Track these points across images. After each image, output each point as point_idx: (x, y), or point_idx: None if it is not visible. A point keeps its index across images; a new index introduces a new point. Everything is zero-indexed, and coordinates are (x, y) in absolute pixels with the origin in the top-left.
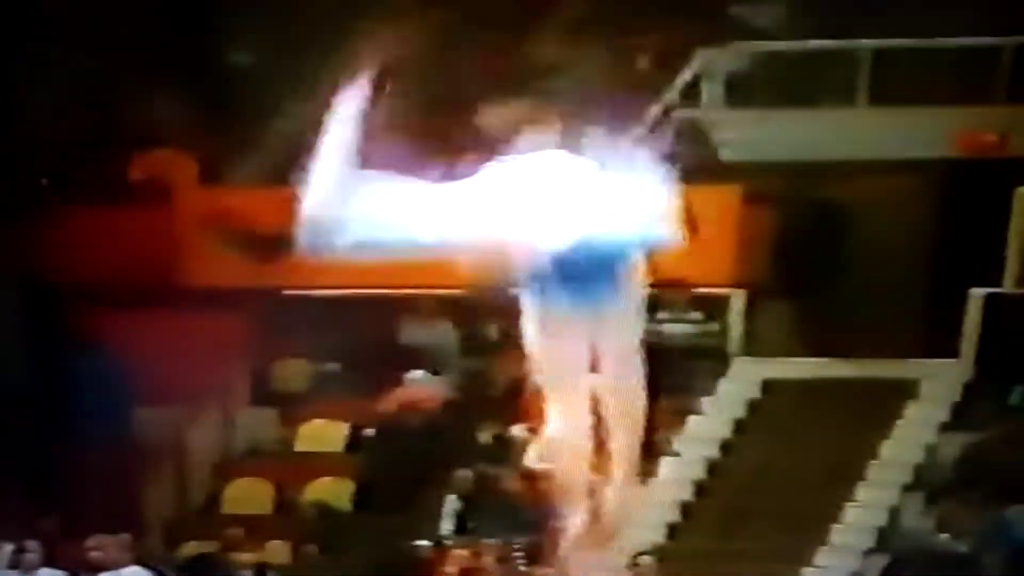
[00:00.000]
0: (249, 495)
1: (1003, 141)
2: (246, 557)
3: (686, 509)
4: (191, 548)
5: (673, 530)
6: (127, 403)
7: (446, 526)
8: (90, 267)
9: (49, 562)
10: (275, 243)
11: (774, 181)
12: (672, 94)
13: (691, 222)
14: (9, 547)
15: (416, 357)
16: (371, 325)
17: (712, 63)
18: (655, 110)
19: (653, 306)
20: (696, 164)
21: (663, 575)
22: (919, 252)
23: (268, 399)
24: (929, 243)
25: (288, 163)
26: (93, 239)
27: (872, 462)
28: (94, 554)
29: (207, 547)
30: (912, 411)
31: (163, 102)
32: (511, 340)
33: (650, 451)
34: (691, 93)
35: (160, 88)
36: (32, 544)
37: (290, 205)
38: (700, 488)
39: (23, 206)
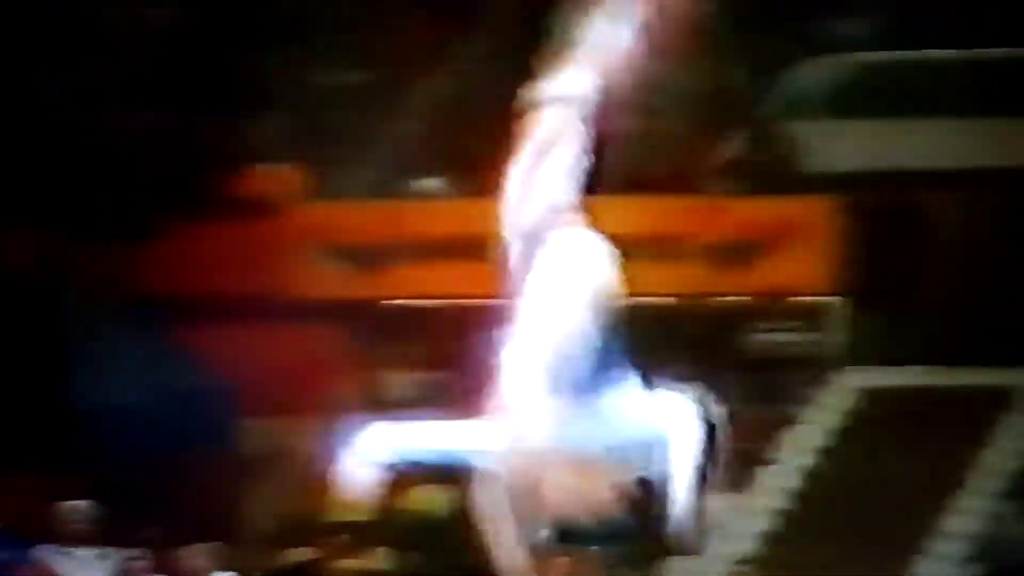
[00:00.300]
0: (352, 503)
1: None
2: (349, 564)
3: (784, 518)
4: (296, 555)
5: (770, 539)
6: (234, 414)
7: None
8: (198, 280)
9: (156, 569)
10: (379, 255)
11: (871, 190)
12: (770, 106)
13: (785, 233)
14: (119, 555)
15: None
16: (470, 334)
17: (809, 75)
18: (753, 123)
19: (753, 316)
20: (794, 175)
21: None
22: (1017, 260)
23: (373, 409)
24: (1020, 247)
25: (390, 177)
26: (201, 253)
27: (971, 470)
28: (184, 562)
29: (312, 554)
30: (1009, 419)
31: (272, 118)
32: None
33: (747, 461)
34: (789, 105)
35: (269, 105)
36: (140, 552)
37: (392, 218)
38: (798, 497)
39: (132, 221)
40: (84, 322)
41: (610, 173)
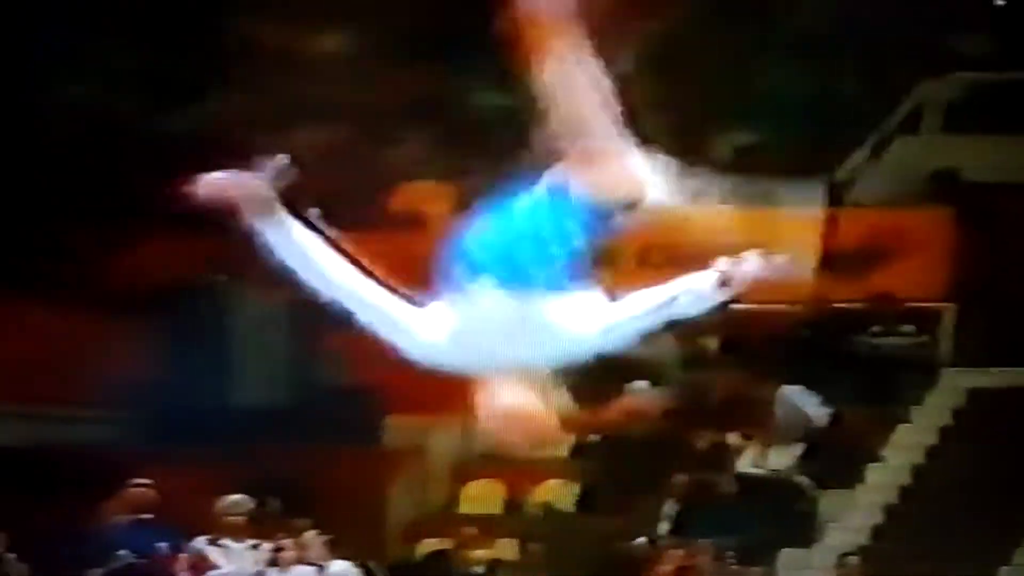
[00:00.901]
0: (483, 496)
1: None
2: (479, 554)
3: (891, 512)
4: (429, 545)
5: (878, 532)
6: (378, 412)
7: (663, 527)
8: None
9: (300, 560)
10: None
11: (984, 202)
12: (892, 122)
13: (899, 243)
14: (268, 545)
15: (639, 369)
16: None
17: (932, 93)
18: (875, 138)
19: (868, 320)
20: (912, 187)
21: (867, 574)
22: None
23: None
24: None
25: None
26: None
27: None
28: (326, 551)
29: (444, 544)
30: None
31: (423, 138)
32: (729, 355)
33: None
34: (909, 121)
35: (421, 125)
36: (288, 542)
37: None
38: (905, 492)
39: None
40: (245, 325)
41: (736, 188)
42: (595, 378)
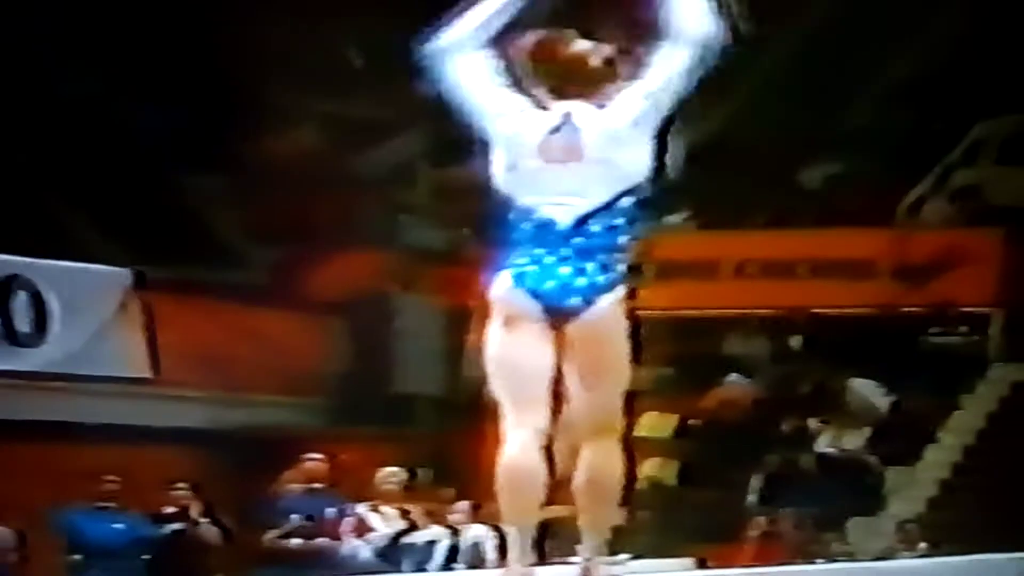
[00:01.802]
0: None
1: None
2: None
3: (945, 486)
4: (554, 511)
5: (934, 503)
6: None
7: (752, 499)
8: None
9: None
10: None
11: None
12: (954, 155)
13: (956, 257)
14: (416, 510)
15: (734, 364)
16: (700, 339)
17: (988, 130)
18: (939, 170)
19: (929, 323)
20: (971, 211)
21: (925, 540)
22: None
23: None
24: None
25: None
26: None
27: None
28: (450, 516)
29: (567, 511)
30: None
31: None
32: (811, 352)
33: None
34: (969, 154)
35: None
36: (434, 507)
37: (644, 248)
38: (957, 469)
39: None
40: (409, 327)
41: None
42: (697, 372)
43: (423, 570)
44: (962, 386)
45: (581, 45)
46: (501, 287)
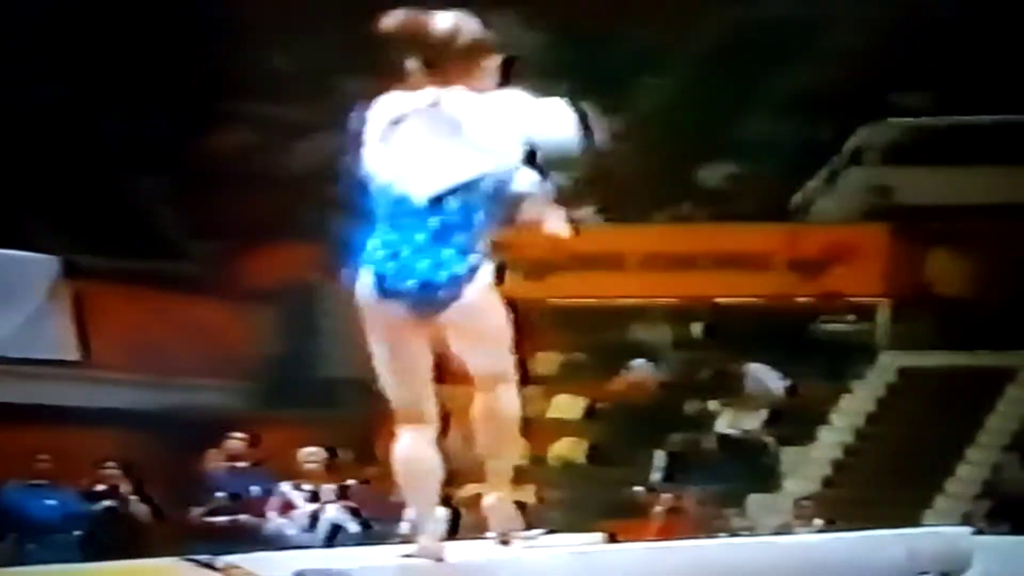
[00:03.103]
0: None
1: None
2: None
3: (838, 465)
4: (469, 489)
5: (827, 481)
6: None
7: (657, 476)
8: None
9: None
10: (543, 267)
11: (913, 219)
12: (841, 157)
13: (846, 251)
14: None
15: (640, 350)
16: (608, 326)
17: (872, 134)
18: (828, 169)
19: (819, 312)
20: (855, 208)
21: (820, 516)
22: (1019, 270)
23: (532, 380)
24: None
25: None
26: None
27: (980, 429)
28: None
29: (480, 489)
30: (1011, 391)
31: None
32: (711, 339)
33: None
34: (855, 156)
35: None
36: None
37: (554, 239)
38: (848, 450)
39: None
40: (333, 315)
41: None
42: (605, 357)
43: (338, 545)
44: (852, 371)
45: (445, 22)
46: (363, 291)
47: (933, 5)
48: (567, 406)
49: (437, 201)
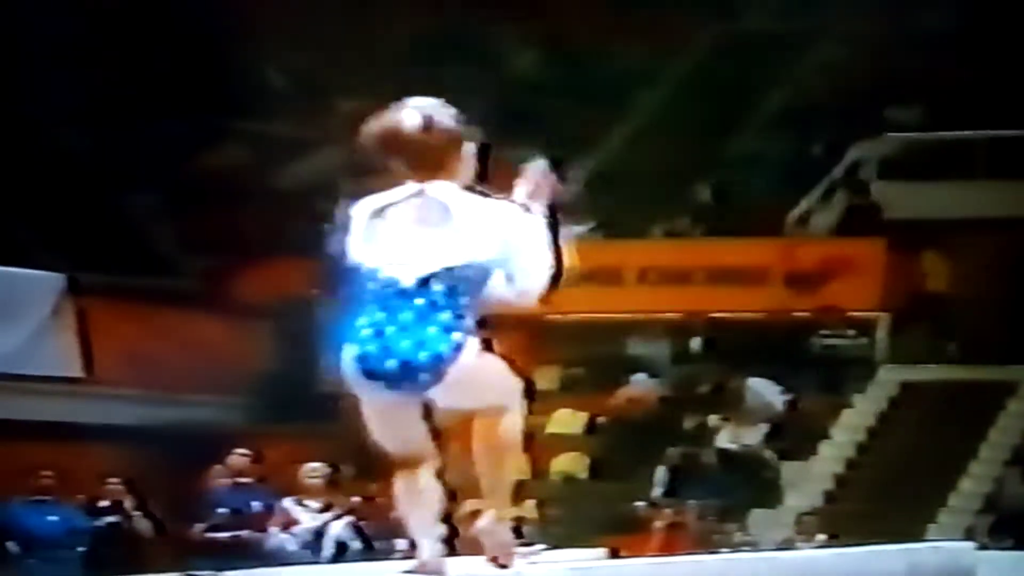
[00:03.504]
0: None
1: None
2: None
3: (839, 480)
4: (471, 504)
5: (829, 496)
6: None
7: (657, 491)
8: None
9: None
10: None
11: (908, 233)
12: (838, 170)
13: (843, 265)
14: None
15: (639, 364)
16: (607, 341)
17: (868, 149)
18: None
19: (818, 326)
20: (854, 221)
21: (822, 531)
22: (1018, 284)
23: (531, 395)
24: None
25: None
26: None
27: (982, 444)
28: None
29: (481, 504)
30: (1012, 405)
31: None
32: (710, 353)
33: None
34: (852, 170)
35: None
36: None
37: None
38: (850, 464)
39: None
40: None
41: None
42: (605, 372)
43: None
44: (852, 386)
45: (415, 120)
46: (346, 370)
47: (927, 20)
48: (567, 421)
49: (424, 283)
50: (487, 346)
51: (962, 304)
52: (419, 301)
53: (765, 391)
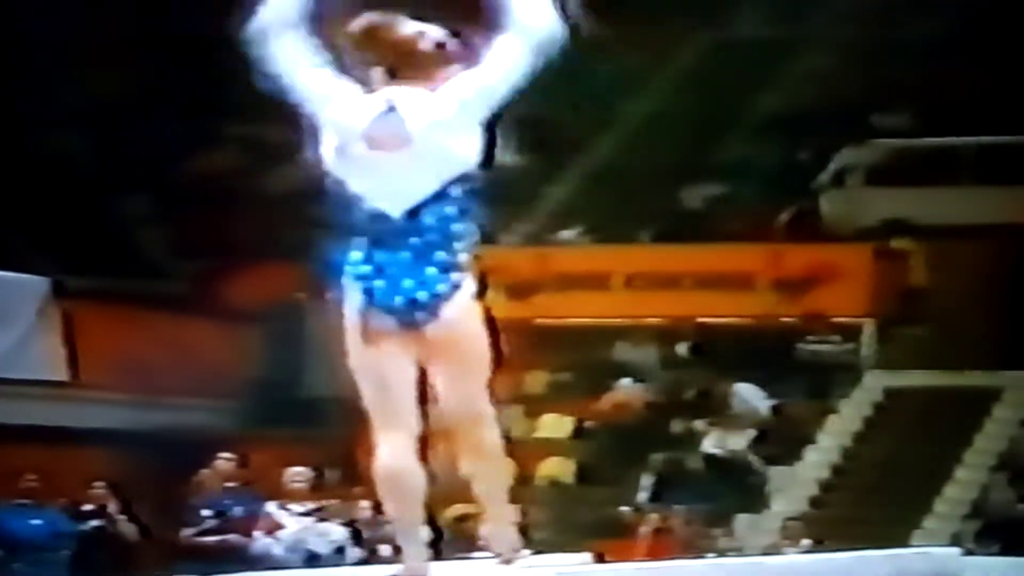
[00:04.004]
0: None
1: None
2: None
3: (825, 486)
4: (456, 510)
5: (815, 501)
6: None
7: (643, 496)
8: None
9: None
10: (529, 287)
11: (895, 239)
12: (824, 176)
13: (830, 271)
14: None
15: (626, 369)
16: (594, 346)
17: (854, 155)
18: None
19: (805, 332)
20: (838, 229)
21: (807, 536)
22: (1004, 290)
23: (519, 400)
24: (1011, 283)
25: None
26: None
27: (968, 449)
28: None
29: (468, 509)
30: (998, 411)
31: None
32: (696, 358)
33: (799, 441)
34: (838, 177)
35: None
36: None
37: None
38: (836, 469)
39: None
40: (318, 334)
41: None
42: (592, 377)
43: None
44: (838, 391)
45: (411, 28)
46: (352, 304)
47: (913, 27)
48: (554, 426)
49: (413, 215)
50: (482, 291)
51: (948, 310)
52: (414, 240)
53: (752, 396)
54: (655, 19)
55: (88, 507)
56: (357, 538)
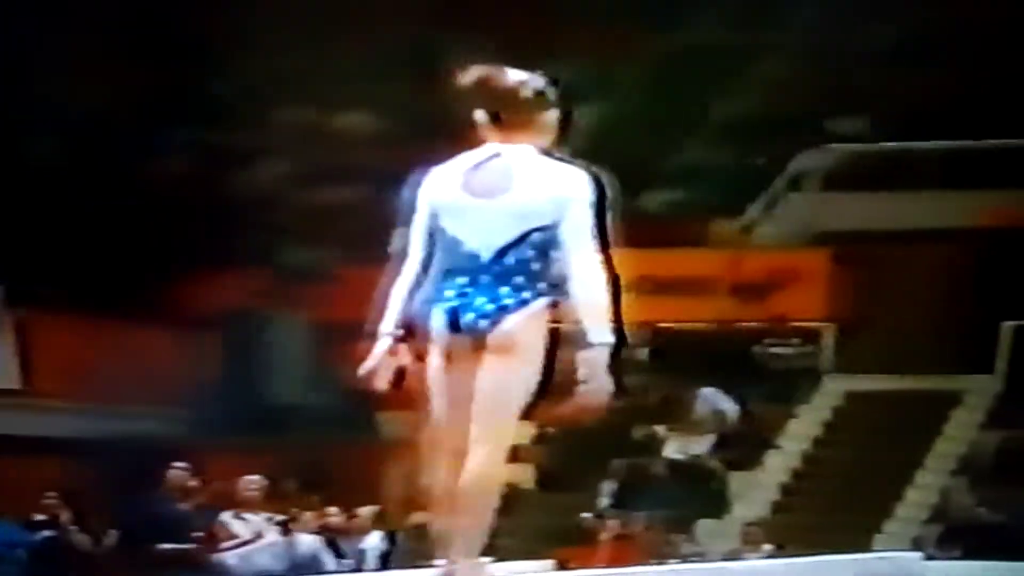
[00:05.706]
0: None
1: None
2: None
3: (786, 490)
4: (419, 517)
5: (776, 506)
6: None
7: (605, 502)
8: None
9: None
10: None
11: (853, 244)
12: (781, 182)
13: (789, 275)
14: (279, 517)
15: None
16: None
17: (811, 160)
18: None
19: (764, 336)
20: (799, 233)
21: (768, 541)
22: (963, 294)
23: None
24: (970, 287)
25: None
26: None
27: (928, 453)
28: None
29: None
30: (958, 415)
31: None
32: (657, 363)
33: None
34: (795, 182)
35: None
36: (296, 513)
37: None
38: (797, 474)
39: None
40: (276, 342)
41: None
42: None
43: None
44: (798, 396)
45: (515, 76)
46: (435, 327)
47: (870, 33)
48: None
49: (500, 254)
50: (554, 305)
51: (907, 314)
52: (496, 268)
53: (717, 401)
54: (611, 24)
55: (40, 517)
56: (332, 546)
